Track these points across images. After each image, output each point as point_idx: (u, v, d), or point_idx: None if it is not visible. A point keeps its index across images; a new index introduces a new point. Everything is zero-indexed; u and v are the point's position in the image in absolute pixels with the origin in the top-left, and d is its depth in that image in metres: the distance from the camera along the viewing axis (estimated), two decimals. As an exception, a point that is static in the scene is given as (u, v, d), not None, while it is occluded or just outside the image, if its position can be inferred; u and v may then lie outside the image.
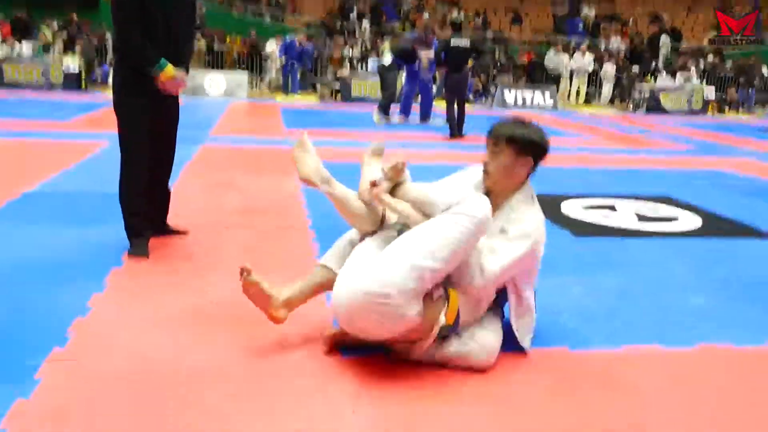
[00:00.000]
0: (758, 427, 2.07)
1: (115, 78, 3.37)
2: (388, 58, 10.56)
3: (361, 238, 2.46)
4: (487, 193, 2.40)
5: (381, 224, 2.46)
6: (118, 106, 3.31)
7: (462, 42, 9.17)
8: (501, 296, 2.47)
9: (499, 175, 2.39)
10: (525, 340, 2.47)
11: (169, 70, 3.21)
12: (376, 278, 2.10)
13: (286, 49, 15.08)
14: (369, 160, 2.48)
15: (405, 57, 10.60)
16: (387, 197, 2.31)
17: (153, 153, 3.40)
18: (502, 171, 2.38)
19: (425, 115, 10.92)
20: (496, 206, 2.37)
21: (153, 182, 3.49)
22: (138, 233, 3.38)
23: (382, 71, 11.33)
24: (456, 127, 9.11)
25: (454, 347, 2.31)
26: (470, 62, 9.76)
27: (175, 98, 3.45)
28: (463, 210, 2.16)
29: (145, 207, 3.41)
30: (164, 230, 3.64)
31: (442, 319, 2.22)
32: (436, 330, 2.22)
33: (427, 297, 2.19)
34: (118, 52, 3.36)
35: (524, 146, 2.36)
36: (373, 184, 2.34)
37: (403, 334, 2.20)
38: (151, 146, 3.38)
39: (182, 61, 3.34)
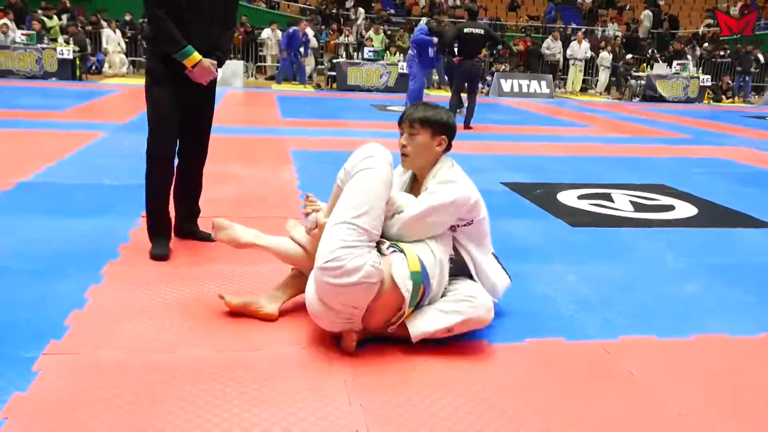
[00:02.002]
0: (754, 418, 2.09)
1: (146, 64, 3.24)
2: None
3: None
4: (413, 176, 2.68)
5: None
6: (146, 93, 3.21)
7: (476, 29, 8.97)
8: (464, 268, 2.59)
9: (418, 154, 2.58)
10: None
11: (194, 57, 3.07)
12: (321, 253, 2.26)
13: (290, 40, 14.60)
14: (291, 230, 2.69)
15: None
16: (324, 221, 2.46)
17: (184, 145, 3.33)
18: (420, 151, 2.57)
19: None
20: (421, 181, 2.62)
21: (182, 178, 3.40)
22: (158, 232, 3.28)
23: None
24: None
25: (448, 307, 2.38)
26: (484, 51, 9.49)
27: (209, 89, 3.28)
28: (355, 163, 2.37)
29: (167, 205, 3.31)
30: (193, 233, 3.48)
31: (406, 267, 2.30)
32: (407, 281, 2.27)
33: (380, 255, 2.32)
34: (147, 37, 3.26)
35: (438, 126, 2.57)
36: (310, 231, 2.56)
37: (379, 297, 2.26)
38: (182, 138, 3.30)
39: (214, 50, 3.19)
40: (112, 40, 15.07)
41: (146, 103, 3.22)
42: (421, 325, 2.36)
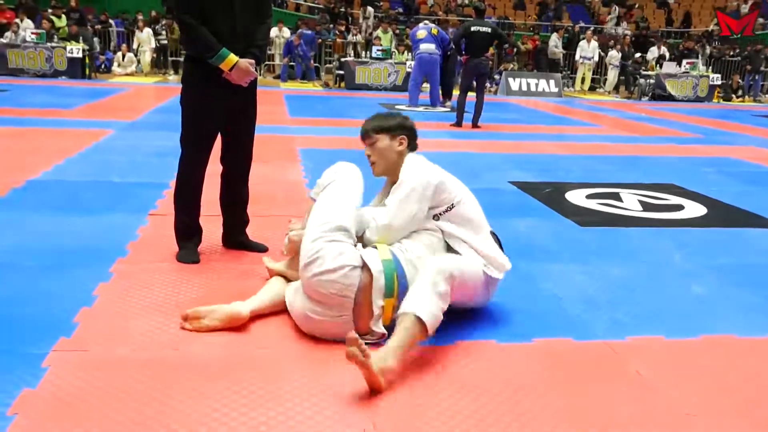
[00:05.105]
0: (762, 418, 2.08)
1: (183, 70, 3.14)
2: None
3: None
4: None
5: None
6: (182, 100, 3.13)
7: (483, 28, 8.96)
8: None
9: (382, 158, 2.70)
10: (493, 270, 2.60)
11: (231, 59, 2.94)
12: (304, 253, 2.36)
13: (288, 50, 15.36)
14: (268, 264, 2.88)
15: None
16: (294, 233, 2.70)
17: (228, 152, 3.27)
18: (383, 154, 2.69)
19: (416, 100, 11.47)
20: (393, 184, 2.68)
21: (227, 186, 3.34)
22: (186, 236, 3.23)
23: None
24: (462, 116, 8.93)
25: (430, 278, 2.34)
26: (491, 50, 9.54)
27: (250, 91, 3.17)
28: (325, 177, 2.60)
29: (197, 209, 3.24)
30: (243, 244, 3.40)
31: (376, 255, 2.40)
32: (377, 261, 2.36)
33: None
34: (181, 41, 3.25)
35: (394, 129, 2.70)
36: (288, 251, 2.76)
37: (360, 288, 2.32)
38: (226, 145, 3.24)
39: (250, 48, 3.05)
40: (144, 40, 15.19)
41: (182, 115, 3.13)
42: (420, 307, 2.20)
